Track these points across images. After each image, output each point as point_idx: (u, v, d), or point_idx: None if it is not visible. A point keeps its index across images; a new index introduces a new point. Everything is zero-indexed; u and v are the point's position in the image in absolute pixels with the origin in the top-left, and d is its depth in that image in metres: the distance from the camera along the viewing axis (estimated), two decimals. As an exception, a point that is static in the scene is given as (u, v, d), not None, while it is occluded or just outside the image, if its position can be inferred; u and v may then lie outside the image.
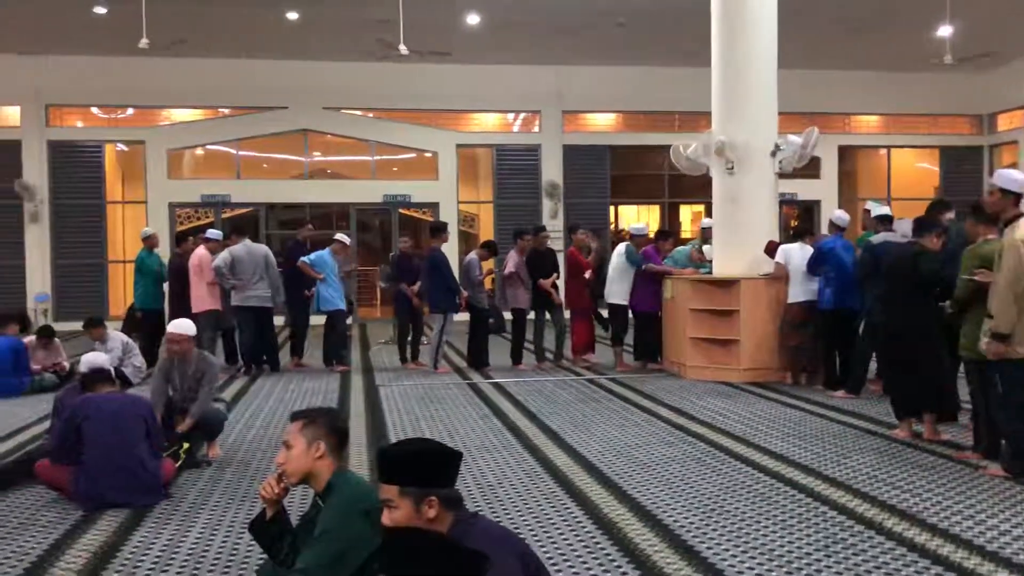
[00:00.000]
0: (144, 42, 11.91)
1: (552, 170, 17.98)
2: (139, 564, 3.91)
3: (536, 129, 18.33)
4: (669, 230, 13.41)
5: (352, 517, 2.91)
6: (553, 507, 4.73)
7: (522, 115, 18.56)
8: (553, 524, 4.44)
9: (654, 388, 8.67)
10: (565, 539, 4.21)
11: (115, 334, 9.46)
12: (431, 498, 2.50)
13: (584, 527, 4.39)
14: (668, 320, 9.74)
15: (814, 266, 8.24)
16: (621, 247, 10.10)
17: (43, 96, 16.41)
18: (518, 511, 4.67)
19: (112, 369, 5.93)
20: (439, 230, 10.21)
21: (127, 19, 12.61)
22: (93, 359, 5.66)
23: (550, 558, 3.87)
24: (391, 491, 2.52)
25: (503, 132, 18.61)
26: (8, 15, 13.97)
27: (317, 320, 10.60)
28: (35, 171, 16.40)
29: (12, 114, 16.64)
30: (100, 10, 13.68)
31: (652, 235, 11.24)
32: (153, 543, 4.19)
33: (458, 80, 17.12)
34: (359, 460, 5.85)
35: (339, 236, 10.68)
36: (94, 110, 17.22)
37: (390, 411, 7.64)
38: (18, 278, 16.35)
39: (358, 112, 17.79)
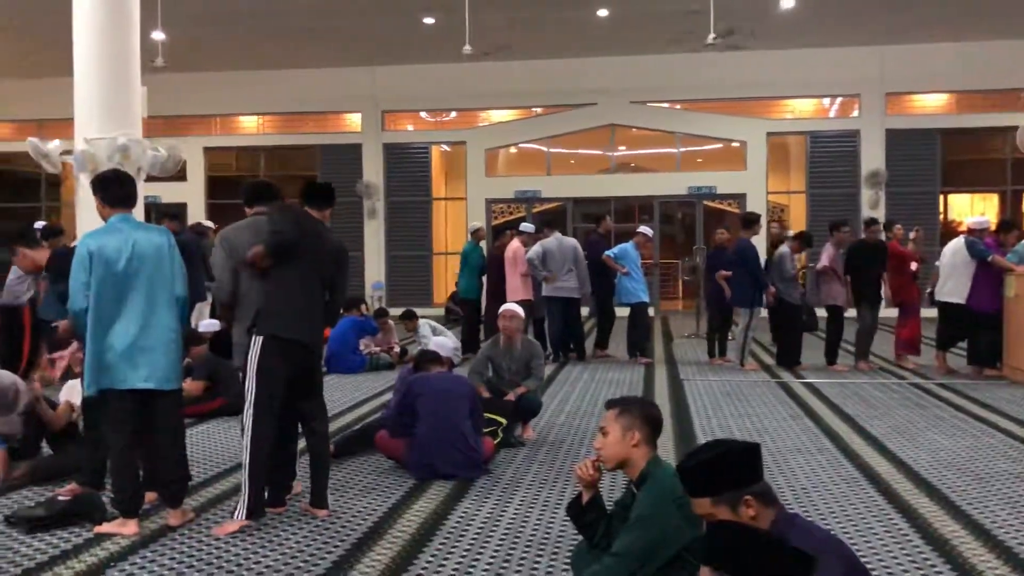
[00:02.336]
0: (467, 48, 12.73)
1: (873, 157, 16.81)
2: (463, 534, 4.20)
3: (855, 113, 17.23)
4: (1012, 221, 11.99)
5: (667, 506, 2.92)
6: (875, 517, 4.42)
7: (839, 99, 17.54)
8: (875, 535, 4.15)
9: (992, 396, 7.81)
10: (890, 552, 3.92)
11: (422, 322, 10.43)
12: (746, 498, 2.45)
13: (911, 541, 4.06)
14: (1011, 321, 8.71)
15: None
16: (958, 241, 9.22)
17: (379, 103, 18.18)
18: (835, 518, 4.42)
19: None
20: (751, 222, 9.91)
21: (452, 28, 13.60)
22: (442, 343, 6.20)
23: (873, 570, 3.62)
24: (704, 504, 2.50)
25: (818, 118, 17.72)
26: (353, 33, 15.63)
27: (621, 312, 10.76)
28: (373, 171, 18.23)
29: (354, 120, 18.60)
30: (428, 20, 14.87)
31: (992, 227, 10.13)
32: (475, 515, 4.48)
33: (768, 66, 16.54)
34: (664, 454, 5.85)
35: (642, 229, 10.76)
36: (422, 114, 18.75)
37: (695, 406, 7.56)
38: (357, 268, 18.26)
39: (664, 104, 17.78)
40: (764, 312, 9.88)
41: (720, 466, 2.51)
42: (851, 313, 9.72)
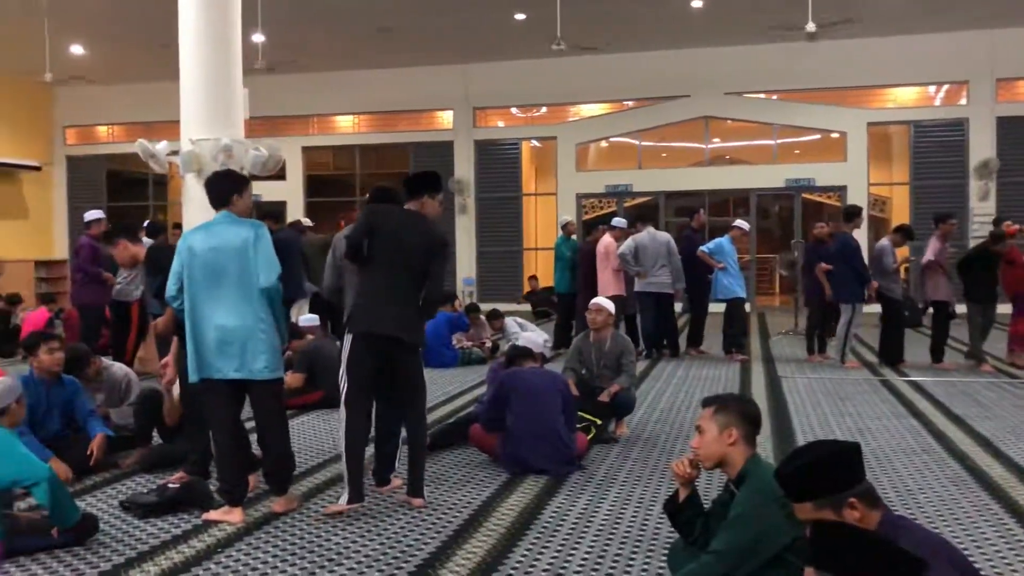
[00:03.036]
0: (558, 44, 12.70)
1: (982, 146, 16.08)
2: (557, 529, 4.20)
3: (962, 101, 16.51)
4: None
5: (767, 505, 2.86)
6: (988, 522, 4.24)
7: (945, 87, 16.82)
8: (988, 541, 3.98)
9: (1116, 397, 7.39)
10: (1005, 560, 3.75)
11: (509, 320, 10.48)
12: (851, 500, 2.38)
13: (1027, 548, 3.88)
14: None
15: None
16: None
17: (471, 100, 18.32)
18: (944, 521, 4.26)
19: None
20: (853, 215, 9.60)
21: (543, 23, 13.60)
22: (531, 338, 6.21)
23: (986, 577, 3.48)
24: (806, 509, 2.45)
25: (922, 106, 17.02)
26: (446, 31, 15.78)
27: (715, 308, 10.59)
28: (464, 168, 18.40)
29: (446, 117, 18.80)
30: (520, 16, 14.91)
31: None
32: (569, 511, 4.48)
33: (870, 53, 16.00)
34: (762, 454, 5.72)
35: (738, 223, 10.56)
36: (513, 110, 18.82)
37: (794, 405, 7.38)
38: (449, 263, 18.44)
39: (760, 95, 17.38)
40: (866, 308, 9.56)
41: (820, 470, 2.45)
42: (962, 309, 9.33)
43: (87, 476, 5.07)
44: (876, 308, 9.77)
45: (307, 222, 12.30)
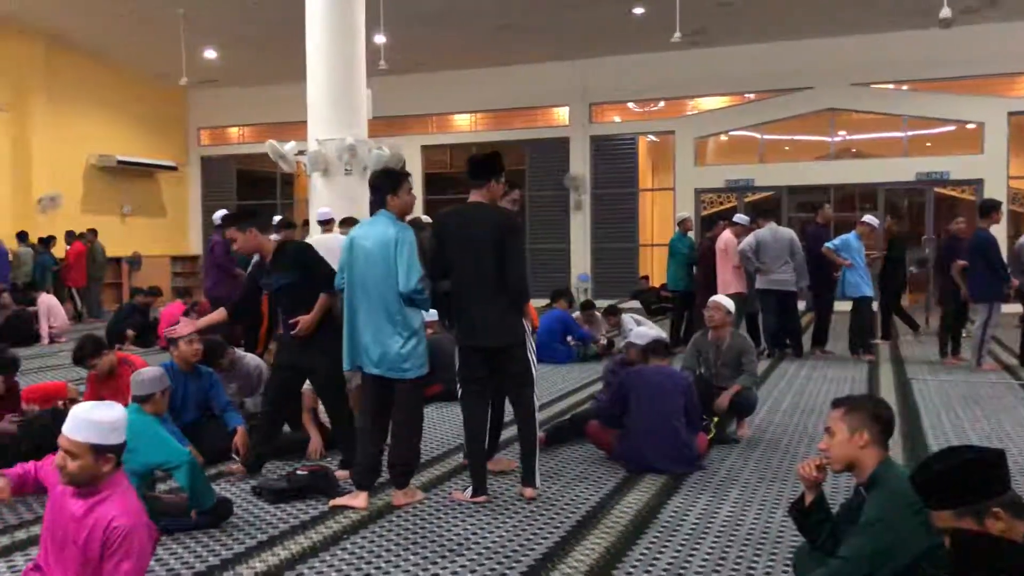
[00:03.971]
0: (677, 36, 12.52)
1: None
2: (677, 529, 4.15)
3: (1114, 88, 15.39)
4: None
5: (901, 511, 2.75)
6: None
7: (1095, 72, 15.72)
8: None
9: None
10: None
11: (626, 317, 10.34)
12: (995, 510, 2.26)
13: None
14: None
15: None
16: None
17: (587, 95, 18.27)
18: (1095, 536, 3.99)
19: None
20: (990, 209, 9.08)
21: (661, 15, 13.43)
22: (642, 332, 6.15)
23: None
24: (945, 517, 2.33)
25: (1070, 94, 15.95)
26: (563, 28, 15.80)
27: (841, 306, 10.23)
28: (579, 164, 18.37)
29: (562, 114, 18.80)
30: (638, 10, 14.77)
31: None
32: (689, 511, 4.42)
33: (1009, 39, 15.10)
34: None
35: (867, 218, 10.16)
36: (630, 105, 18.64)
37: (925, 408, 7.05)
38: (563, 260, 18.47)
39: (889, 85, 16.66)
40: (1005, 308, 9.05)
41: (963, 476, 2.33)
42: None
43: (221, 462, 5.31)
44: (1016, 308, 9.23)
45: (426, 219, 12.51)
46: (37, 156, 17.26)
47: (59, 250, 15.60)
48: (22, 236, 14.79)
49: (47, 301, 12.39)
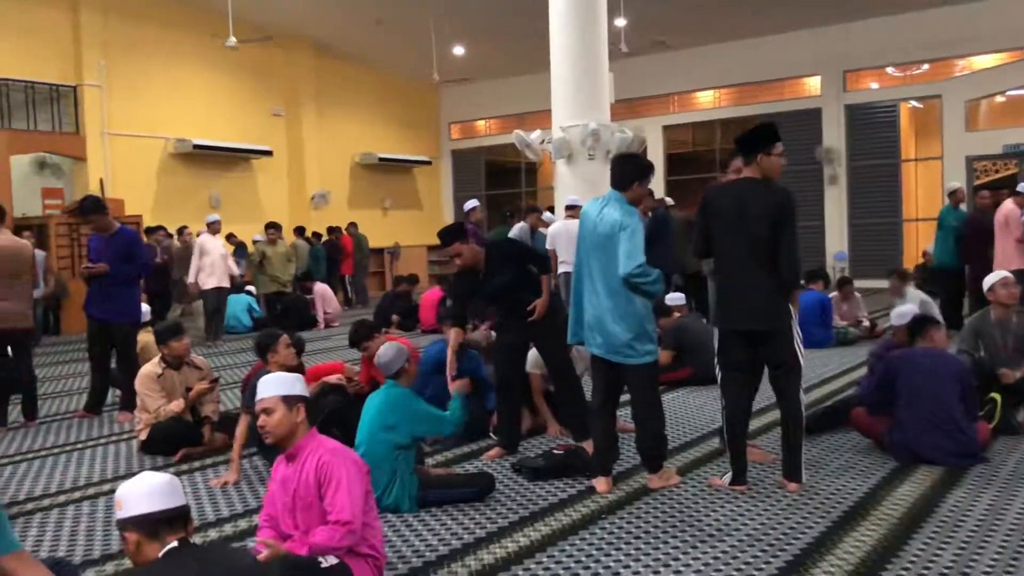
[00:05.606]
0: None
1: None
2: (958, 526, 3.82)
3: None
4: None
5: None
6: None
7: None
8: None
9: None
10: None
11: (913, 291, 9.46)
12: None
13: None
14: None
15: None
16: None
17: (841, 62, 17.20)
18: None
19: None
20: None
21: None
22: (907, 310, 5.74)
23: None
24: None
25: None
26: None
27: None
28: (833, 136, 17.35)
29: (813, 84, 17.83)
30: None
31: None
32: (972, 507, 4.06)
33: None
34: None
35: None
36: (889, 70, 17.33)
37: None
38: (817, 238, 17.54)
39: None
40: None
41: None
42: None
43: (481, 439, 5.57)
44: None
45: (669, 201, 12.37)
46: (309, 157, 18.92)
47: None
48: (299, 231, 16.24)
49: (321, 289, 13.54)
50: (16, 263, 6.47)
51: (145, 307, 7.38)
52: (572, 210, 9.37)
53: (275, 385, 3.20)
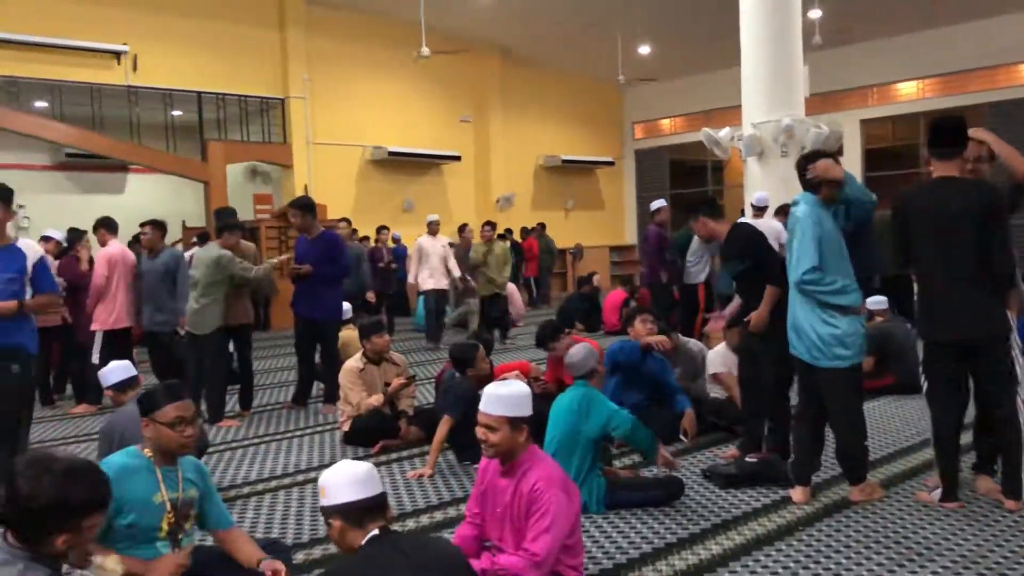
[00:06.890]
0: None
1: None
2: None
3: None
4: None
5: None
6: None
7: None
8: None
9: None
10: None
11: None
12: None
13: None
14: None
15: None
16: None
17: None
18: None
19: None
20: None
21: None
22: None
23: None
24: None
25: None
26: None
27: None
28: (1055, 126, 15.85)
29: (1031, 70, 16.38)
30: None
31: None
32: None
33: None
34: None
35: None
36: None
37: None
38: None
39: None
40: None
41: None
42: None
43: (676, 442, 5.48)
44: None
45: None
46: (495, 161, 19.35)
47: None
48: (502, 234, 16.60)
49: (510, 290, 13.77)
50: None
51: (346, 305, 7.79)
52: (760, 211, 9.08)
53: (503, 405, 3.12)
